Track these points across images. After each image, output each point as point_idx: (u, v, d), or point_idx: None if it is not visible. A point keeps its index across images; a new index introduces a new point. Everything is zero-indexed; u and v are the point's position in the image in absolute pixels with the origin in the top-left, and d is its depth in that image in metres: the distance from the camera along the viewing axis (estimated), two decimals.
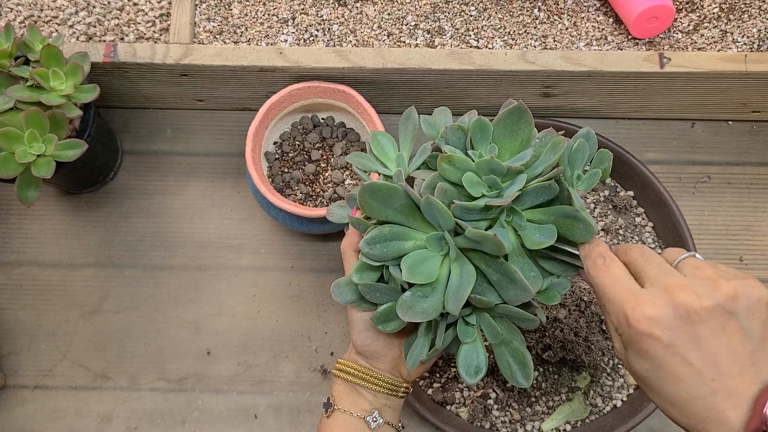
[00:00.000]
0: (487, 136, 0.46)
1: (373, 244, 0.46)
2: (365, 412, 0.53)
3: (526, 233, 0.44)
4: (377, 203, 0.46)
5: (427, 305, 0.45)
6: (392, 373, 0.54)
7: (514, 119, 0.46)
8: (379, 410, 0.53)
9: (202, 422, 0.74)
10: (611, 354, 0.71)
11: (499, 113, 0.46)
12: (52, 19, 0.77)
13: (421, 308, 0.45)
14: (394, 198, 0.46)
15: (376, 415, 0.53)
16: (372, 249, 0.46)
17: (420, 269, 0.45)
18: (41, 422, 0.74)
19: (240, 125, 0.81)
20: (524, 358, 0.49)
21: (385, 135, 0.54)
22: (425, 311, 0.45)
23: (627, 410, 0.70)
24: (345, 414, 0.53)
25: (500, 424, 0.71)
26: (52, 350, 0.76)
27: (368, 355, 0.53)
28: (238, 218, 0.80)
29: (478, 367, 0.49)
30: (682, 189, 0.80)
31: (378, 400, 0.54)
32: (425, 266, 0.45)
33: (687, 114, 0.81)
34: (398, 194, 0.46)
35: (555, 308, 0.68)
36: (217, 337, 0.76)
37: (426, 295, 0.46)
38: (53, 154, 0.65)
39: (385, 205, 0.46)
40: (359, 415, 0.53)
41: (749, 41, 0.75)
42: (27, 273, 0.78)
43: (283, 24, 0.77)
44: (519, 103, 0.45)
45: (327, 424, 0.54)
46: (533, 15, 0.77)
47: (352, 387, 0.54)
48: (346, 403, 0.53)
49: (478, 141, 0.46)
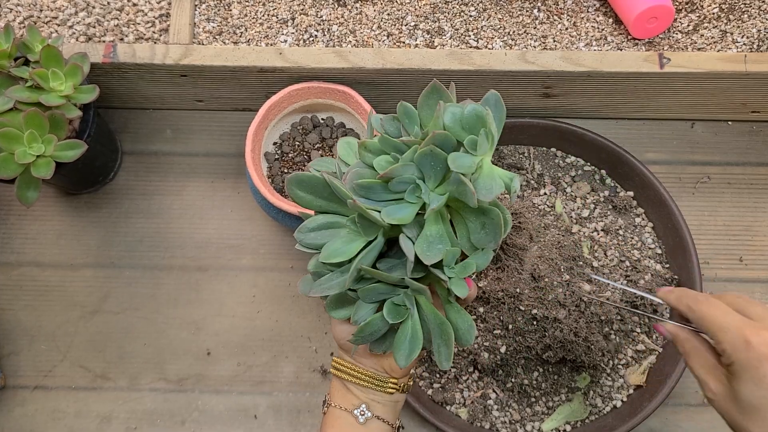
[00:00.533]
0: (414, 119, 0.48)
1: (306, 233, 0.48)
2: (353, 406, 0.54)
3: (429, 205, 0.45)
4: (305, 193, 0.48)
5: (335, 282, 0.47)
6: (376, 367, 0.54)
7: (435, 98, 0.47)
8: (366, 404, 0.54)
9: (202, 423, 0.74)
10: (611, 354, 0.71)
11: (420, 95, 0.47)
12: (52, 20, 0.77)
13: (328, 285, 0.47)
14: (318, 187, 0.48)
15: (363, 408, 0.53)
16: (306, 237, 0.48)
17: (339, 251, 0.46)
18: (41, 423, 0.74)
19: (240, 125, 0.81)
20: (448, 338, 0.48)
21: (351, 139, 0.54)
22: (330, 287, 0.47)
23: (627, 410, 0.70)
24: (336, 409, 0.54)
25: (500, 425, 0.71)
26: (52, 351, 0.76)
27: (347, 349, 0.54)
28: (237, 219, 0.80)
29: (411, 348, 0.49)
30: (682, 189, 0.80)
31: (365, 395, 0.54)
32: (345, 248, 0.46)
33: (687, 114, 0.81)
34: (320, 183, 0.47)
35: (555, 308, 0.68)
36: (217, 338, 0.76)
37: (343, 273, 0.48)
38: (53, 155, 0.65)
39: (316, 195, 0.48)
40: (347, 409, 0.54)
41: (749, 41, 0.75)
42: (27, 273, 0.78)
43: (283, 24, 0.77)
44: (434, 81, 0.47)
45: (323, 420, 0.55)
46: (533, 15, 0.77)
47: (342, 383, 0.55)
48: (337, 398, 0.55)
49: (407, 125, 0.48)
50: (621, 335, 0.72)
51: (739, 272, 0.78)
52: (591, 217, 0.77)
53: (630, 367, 0.72)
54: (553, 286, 0.69)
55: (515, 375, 0.72)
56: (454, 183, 0.43)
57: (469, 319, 0.49)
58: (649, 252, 0.76)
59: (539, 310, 0.68)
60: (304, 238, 0.48)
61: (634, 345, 0.73)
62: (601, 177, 0.79)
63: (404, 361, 0.49)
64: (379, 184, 0.45)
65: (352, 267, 0.46)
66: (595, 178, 0.79)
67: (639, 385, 0.72)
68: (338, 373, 0.55)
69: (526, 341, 0.70)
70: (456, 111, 0.44)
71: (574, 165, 0.80)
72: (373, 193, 0.46)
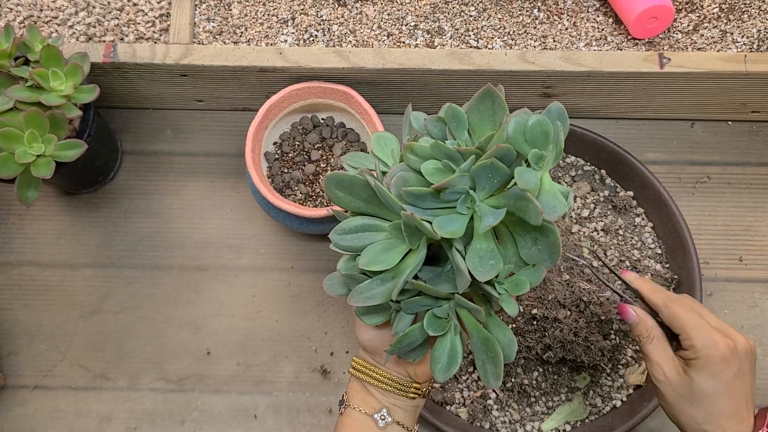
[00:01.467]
0: (463, 124, 0.46)
1: (343, 235, 0.46)
2: (373, 410, 0.53)
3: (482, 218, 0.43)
4: (344, 194, 0.46)
5: (378, 291, 0.45)
6: (399, 371, 0.54)
7: (487, 104, 0.45)
8: (387, 409, 0.53)
9: (201, 422, 0.74)
10: (610, 354, 0.72)
11: (471, 99, 0.45)
12: (52, 20, 0.77)
13: (370, 294, 0.45)
14: (358, 188, 0.46)
15: (384, 413, 0.53)
16: (342, 240, 0.46)
17: (380, 258, 0.45)
18: (41, 422, 0.74)
19: (240, 125, 0.81)
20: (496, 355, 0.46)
21: (386, 135, 0.53)
22: (372, 297, 0.45)
23: (626, 410, 0.70)
24: (355, 411, 0.53)
25: (500, 425, 0.71)
26: (52, 350, 0.76)
27: (371, 350, 0.53)
28: (237, 218, 0.80)
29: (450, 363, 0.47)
30: (681, 189, 0.80)
31: (386, 399, 0.53)
32: (386, 255, 0.45)
33: (687, 114, 0.81)
34: (361, 184, 0.46)
35: (555, 308, 0.68)
36: (216, 338, 0.76)
37: (385, 281, 0.46)
38: (53, 155, 0.65)
39: (354, 197, 0.46)
40: (367, 413, 0.53)
41: (749, 41, 0.75)
42: (27, 273, 0.78)
43: (283, 24, 0.77)
44: (488, 86, 0.45)
45: (340, 421, 0.54)
46: (533, 15, 0.77)
47: (362, 385, 0.54)
48: (357, 400, 0.54)
49: (455, 129, 0.46)
50: (621, 335, 0.72)
51: (739, 272, 0.78)
52: (591, 217, 0.77)
53: (629, 367, 0.72)
54: (553, 286, 0.69)
55: (515, 375, 0.72)
56: (513, 198, 0.41)
57: (510, 333, 0.48)
58: (648, 252, 0.76)
59: (539, 310, 0.68)
60: (340, 240, 0.46)
61: (634, 345, 0.73)
62: (600, 177, 0.79)
63: (443, 375, 0.47)
64: (429, 193, 0.43)
65: (400, 280, 0.44)
66: (595, 178, 0.79)
67: (638, 385, 0.72)
68: (358, 374, 0.54)
69: (526, 341, 0.70)
70: (520, 122, 0.42)
71: (574, 165, 0.80)
72: (421, 201, 0.44)
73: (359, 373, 0.54)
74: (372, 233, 0.46)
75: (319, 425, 0.74)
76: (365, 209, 0.47)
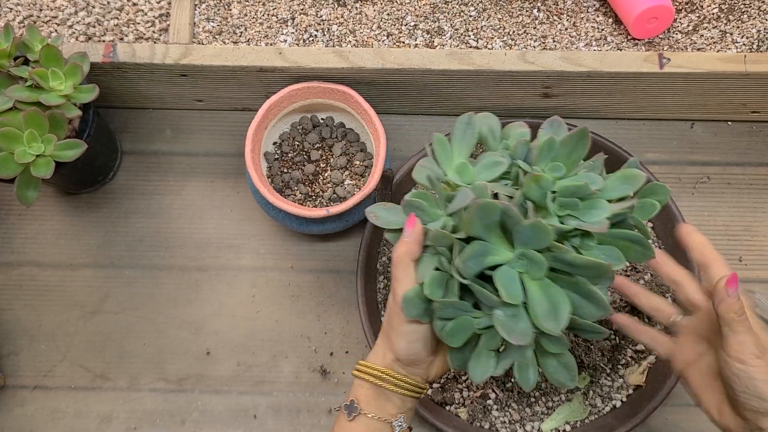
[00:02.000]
0: (552, 154, 0.49)
1: (467, 260, 0.46)
2: (392, 417, 0.52)
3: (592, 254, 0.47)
4: (479, 220, 0.46)
5: (522, 327, 0.46)
6: (419, 372, 0.54)
7: (576, 140, 0.49)
8: (404, 414, 0.53)
9: (201, 423, 0.74)
10: (610, 354, 0.72)
11: (566, 135, 0.49)
12: (52, 19, 0.77)
13: (518, 329, 0.46)
14: (491, 215, 0.45)
15: (401, 419, 0.53)
16: (465, 266, 0.46)
17: (511, 289, 0.45)
18: (41, 423, 0.74)
19: (239, 125, 0.81)
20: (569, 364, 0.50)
21: (446, 140, 0.53)
22: (523, 332, 0.46)
23: (626, 411, 0.70)
24: (369, 418, 0.52)
25: (500, 425, 0.71)
26: (52, 350, 0.76)
27: (410, 363, 0.53)
28: (237, 218, 0.80)
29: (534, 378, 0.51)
30: (681, 189, 0.80)
31: (405, 405, 0.53)
32: (513, 285, 0.46)
33: (686, 114, 0.81)
34: (496, 212, 0.45)
35: None
36: (216, 338, 0.76)
37: (515, 315, 0.46)
38: (52, 155, 0.65)
39: (481, 222, 0.46)
40: (386, 420, 0.52)
41: (749, 42, 0.75)
42: (27, 273, 0.78)
43: (283, 24, 0.77)
44: (583, 127, 0.48)
45: (350, 428, 0.53)
46: (533, 15, 0.77)
47: (380, 392, 0.53)
48: (372, 407, 0.52)
49: (542, 157, 0.49)
50: (621, 335, 0.72)
51: (739, 272, 0.78)
52: None
53: (629, 367, 0.72)
54: None
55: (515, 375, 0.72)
56: None
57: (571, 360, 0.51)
58: None
59: None
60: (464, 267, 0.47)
61: (634, 345, 0.73)
62: None
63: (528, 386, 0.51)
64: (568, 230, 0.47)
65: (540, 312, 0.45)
66: None
67: (638, 385, 0.72)
68: (378, 381, 0.52)
69: None
70: None
71: None
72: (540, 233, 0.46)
73: (380, 381, 0.52)
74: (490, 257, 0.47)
75: (319, 425, 0.74)
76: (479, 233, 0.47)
